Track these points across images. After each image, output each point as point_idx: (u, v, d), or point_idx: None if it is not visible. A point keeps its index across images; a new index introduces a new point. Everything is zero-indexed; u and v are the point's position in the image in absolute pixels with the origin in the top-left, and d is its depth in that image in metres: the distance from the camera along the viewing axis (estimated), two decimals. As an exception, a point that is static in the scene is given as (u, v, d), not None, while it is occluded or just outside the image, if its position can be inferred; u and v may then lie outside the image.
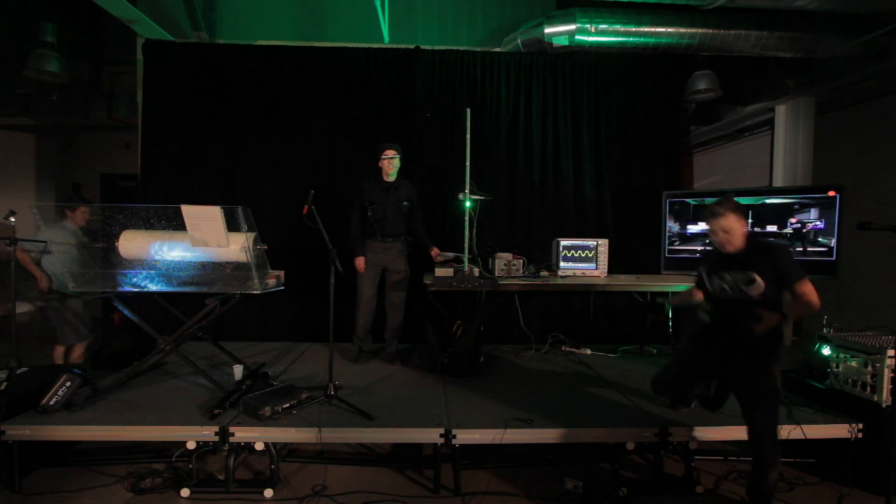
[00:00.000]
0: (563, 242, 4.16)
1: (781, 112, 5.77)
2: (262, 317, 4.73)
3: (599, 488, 2.69)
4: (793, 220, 3.95)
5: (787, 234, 3.98)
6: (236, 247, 3.06)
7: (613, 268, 4.28)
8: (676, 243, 4.41)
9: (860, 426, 2.73)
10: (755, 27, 4.44)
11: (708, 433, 2.76)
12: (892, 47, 4.47)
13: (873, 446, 2.67)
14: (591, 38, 4.58)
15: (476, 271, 3.72)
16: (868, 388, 2.78)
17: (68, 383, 2.81)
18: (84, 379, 2.92)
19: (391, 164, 3.83)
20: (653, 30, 4.53)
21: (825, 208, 3.80)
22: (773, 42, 4.48)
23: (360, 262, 3.90)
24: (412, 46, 4.91)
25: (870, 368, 2.77)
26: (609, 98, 5.03)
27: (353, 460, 2.97)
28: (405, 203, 3.91)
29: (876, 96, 5.38)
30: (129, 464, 2.84)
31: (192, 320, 3.42)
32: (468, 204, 3.71)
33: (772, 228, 4.04)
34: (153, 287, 3.21)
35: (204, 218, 2.99)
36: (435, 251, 3.99)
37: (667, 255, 4.46)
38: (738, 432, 2.78)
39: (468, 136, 3.71)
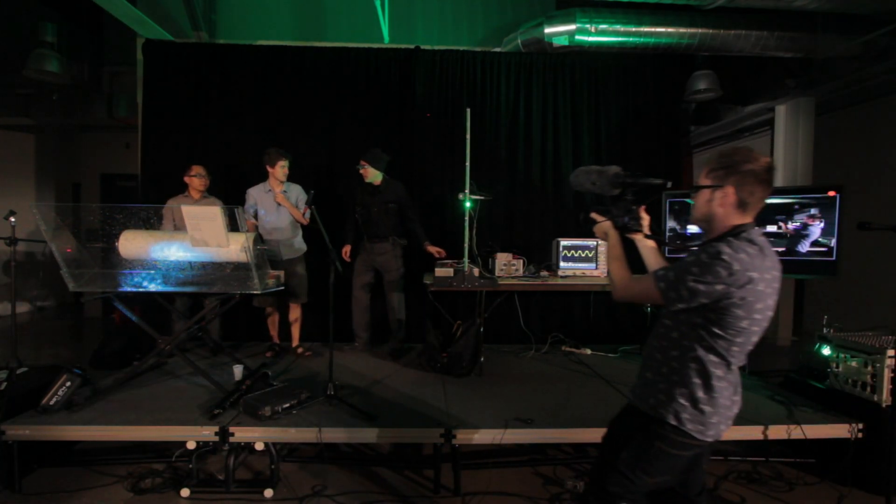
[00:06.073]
0: (563, 242, 4.16)
1: (781, 112, 5.77)
2: (262, 317, 4.72)
3: (599, 488, 2.68)
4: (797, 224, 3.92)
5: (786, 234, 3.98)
6: (236, 247, 3.06)
7: (613, 268, 4.28)
8: (677, 243, 4.41)
9: (860, 426, 2.72)
10: (755, 27, 4.44)
11: (708, 433, 2.76)
12: (892, 47, 4.47)
13: (873, 446, 2.66)
14: (591, 38, 4.59)
15: (476, 271, 3.72)
16: (868, 388, 2.78)
17: (68, 383, 2.81)
18: (84, 379, 2.92)
19: (366, 173, 3.98)
20: (653, 30, 4.53)
21: (825, 208, 3.80)
22: (773, 42, 4.48)
23: (346, 250, 4.16)
24: (412, 46, 4.91)
25: (870, 368, 2.77)
26: (609, 98, 5.03)
27: (353, 460, 2.97)
28: (391, 204, 4.01)
29: (876, 96, 5.38)
30: (129, 464, 2.84)
31: (192, 320, 3.43)
32: (468, 204, 3.72)
33: (772, 228, 4.03)
34: (153, 287, 3.21)
35: (204, 218, 2.99)
36: (429, 247, 4.05)
37: (667, 254, 4.45)
38: (738, 432, 2.79)
39: (468, 136, 3.71)
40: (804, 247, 3.86)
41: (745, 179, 1.40)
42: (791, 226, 3.91)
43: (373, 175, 3.98)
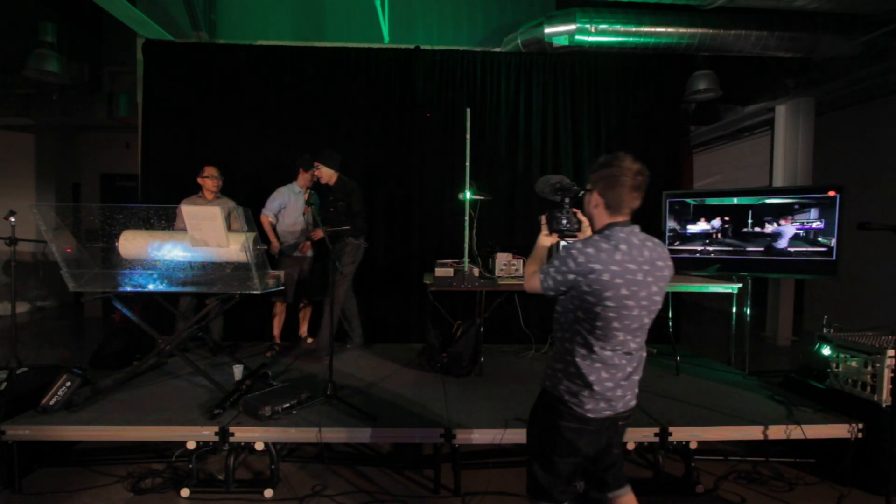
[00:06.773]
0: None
1: (781, 112, 5.77)
2: (263, 317, 4.73)
3: (599, 488, 2.68)
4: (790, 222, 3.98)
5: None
6: (236, 247, 3.06)
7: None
8: (676, 243, 4.41)
9: (860, 426, 2.72)
10: (755, 27, 4.44)
11: (708, 433, 2.76)
12: (892, 47, 4.48)
13: (873, 446, 2.66)
14: (591, 38, 4.59)
15: (476, 271, 3.72)
16: (868, 388, 2.78)
17: (68, 383, 2.81)
18: (84, 379, 2.92)
19: (321, 174, 4.05)
20: (653, 30, 4.53)
21: (825, 208, 3.80)
22: (773, 42, 4.48)
23: (305, 245, 4.25)
24: (412, 46, 4.91)
25: (870, 368, 2.77)
26: (609, 98, 5.03)
27: (353, 460, 2.97)
28: (340, 203, 4.05)
29: (876, 96, 5.39)
30: (129, 464, 2.84)
31: (192, 320, 3.43)
32: (468, 203, 3.72)
33: (771, 229, 4.04)
34: (153, 287, 3.21)
35: (204, 218, 2.99)
36: (318, 231, 4.02)
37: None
38: (738, 432, 2.79)
39: (468, 136, 3.71)
40: (781, 244, 3.94)
41: (608, 184, 1.60)
42: (771, 227, 4.01)
43: (328, 175, 4.05)
